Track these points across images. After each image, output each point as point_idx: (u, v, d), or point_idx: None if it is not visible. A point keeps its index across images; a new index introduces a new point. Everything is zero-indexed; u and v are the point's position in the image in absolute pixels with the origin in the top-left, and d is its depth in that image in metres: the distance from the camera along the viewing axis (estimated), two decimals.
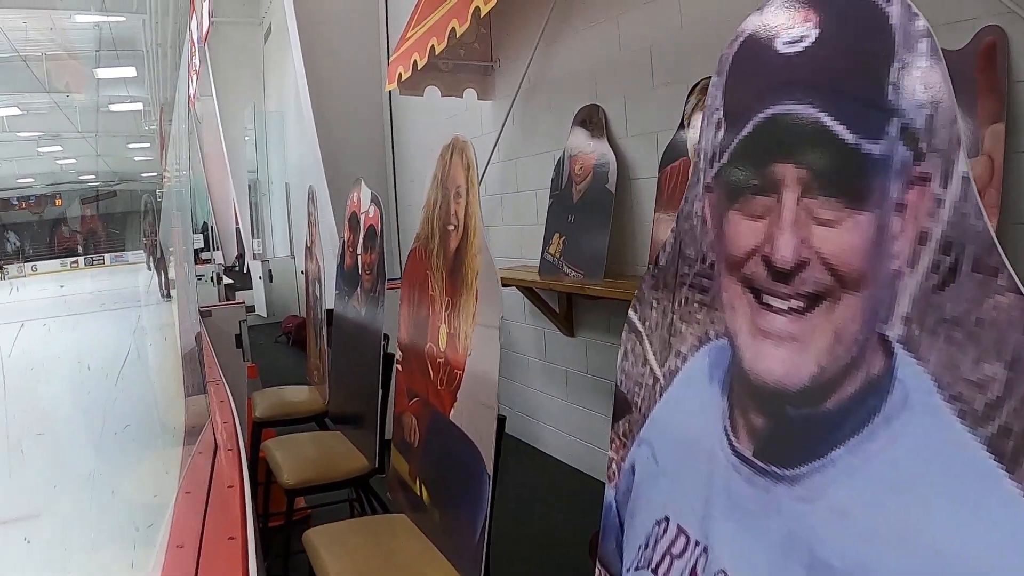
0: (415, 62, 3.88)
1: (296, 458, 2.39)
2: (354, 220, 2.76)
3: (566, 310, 3.94)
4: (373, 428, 2.28)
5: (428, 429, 1.77)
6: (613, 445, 1.12)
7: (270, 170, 11.85)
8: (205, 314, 4.12)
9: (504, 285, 3.58)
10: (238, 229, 13.70)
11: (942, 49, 0.68)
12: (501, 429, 1.47)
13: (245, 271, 12.81)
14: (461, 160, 1.58)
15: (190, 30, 9.17)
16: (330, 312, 3.19)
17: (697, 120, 3.02)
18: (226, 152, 12.15)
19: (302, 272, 9.81)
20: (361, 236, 2.59)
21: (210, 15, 9.35)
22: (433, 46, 3.60)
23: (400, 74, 4.15)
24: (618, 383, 1.11)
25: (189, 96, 10.55)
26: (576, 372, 4.03)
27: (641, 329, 1.07)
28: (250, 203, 12.36)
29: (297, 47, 6.21)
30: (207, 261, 14.60)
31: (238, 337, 4.27)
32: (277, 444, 2.56)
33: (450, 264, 1.65)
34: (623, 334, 1.12)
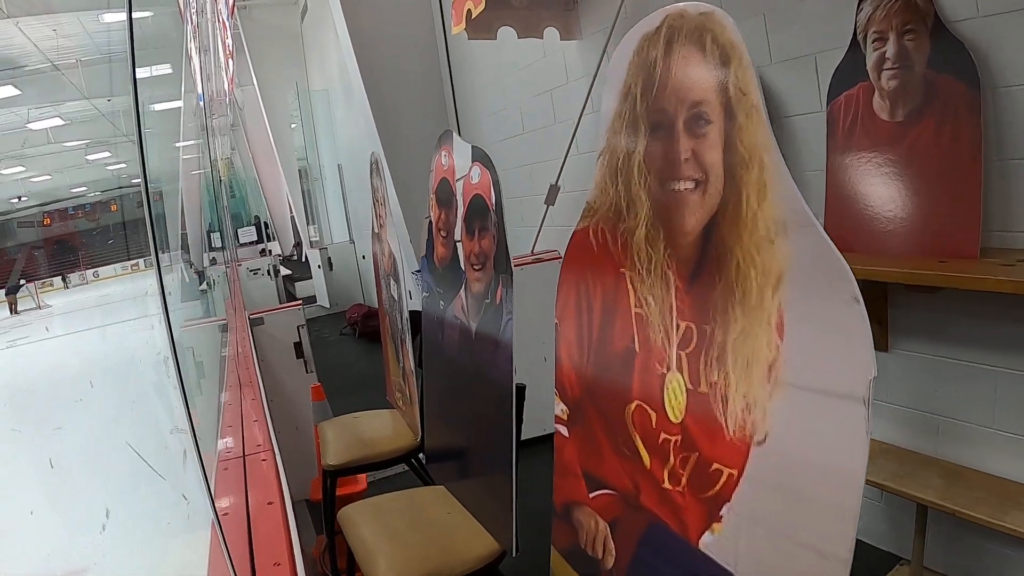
0: None
1: (394, 544, 1.62)
2: (444, 190, 1.91)
3: None
4: (507, 498, 1.51)
5: (640, 549, 0.98)
6: None
7: (320, 153, 11.34)
8: (256, 322, 3.44)
9: None
10: (293, 218, 13.28)
11: None
12: None
13: (304, 260, 12.36)
14: (700, 52, 0.75)
15: (218, 11, 8.56)
16: (414, 315, 2.41)
17: (881, 33, 2.15)
18: (272, 139, 11.65)
19: (363, 257, 9.19)
20: (460, 214, 1.77)
21: None
22: None
23: (469, 11, 3.35)
24: None
25: (227, 81, 9.98)
26: None
27: None
28: (302, 190, 11.88)
29: (338, 7, 5.46)
30: (264, 253, 14.27)
31: (298, 346, 3.60)
32: (362, 515, 1.79)
33: (691, 257, 0.81)
34: None
